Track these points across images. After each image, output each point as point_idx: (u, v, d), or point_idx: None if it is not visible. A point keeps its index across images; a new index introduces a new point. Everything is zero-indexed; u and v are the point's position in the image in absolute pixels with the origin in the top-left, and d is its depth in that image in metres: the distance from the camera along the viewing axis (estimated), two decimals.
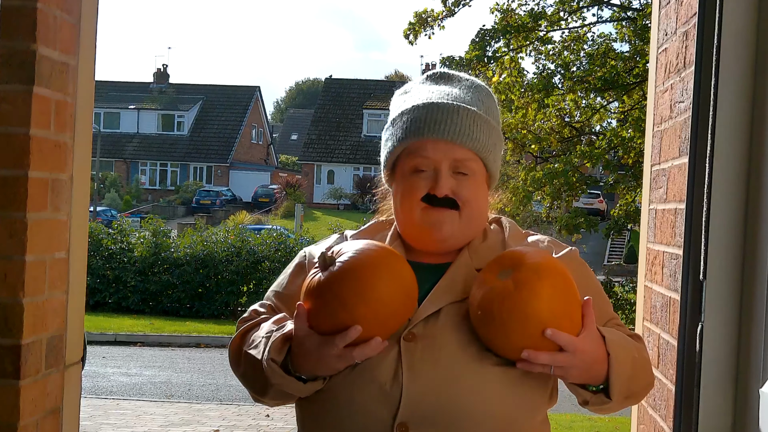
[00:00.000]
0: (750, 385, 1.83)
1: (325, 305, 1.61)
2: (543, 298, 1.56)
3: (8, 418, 2.00)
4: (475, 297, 1.62)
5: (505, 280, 1.58)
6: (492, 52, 15.36)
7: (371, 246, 1.67)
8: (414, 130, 1.75)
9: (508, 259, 1.64)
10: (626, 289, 17.18)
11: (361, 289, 1.59)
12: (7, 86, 2.02)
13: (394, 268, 1.64)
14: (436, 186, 1.73)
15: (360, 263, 1.62)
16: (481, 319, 1.59)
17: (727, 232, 1.90)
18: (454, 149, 1.74)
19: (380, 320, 1.60)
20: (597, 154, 14.34)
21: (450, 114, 1.74)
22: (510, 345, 1.58)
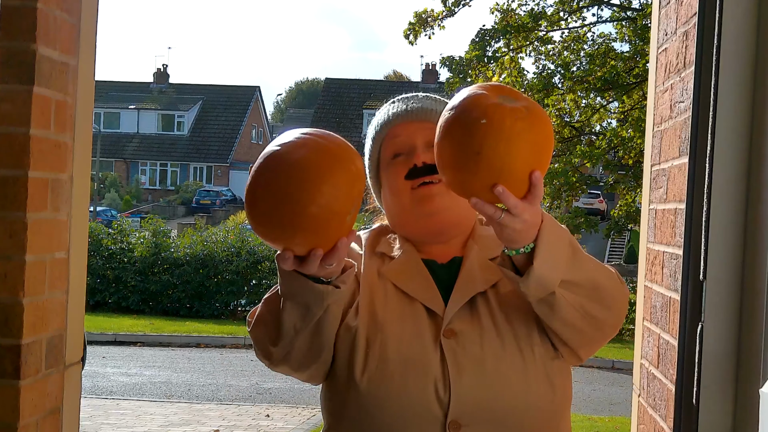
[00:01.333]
0: (750, 385, 1.83)
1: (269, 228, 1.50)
2: (547, 136, 1.52)
3: (8, 418, 2.00)
4: (474, 105, 1.51)
5: (514, 105, 1.50)
6: (492, 52, 15.38)
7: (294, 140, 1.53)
8: (384, 123, 1.85)
9: (505, 89, 1.56)
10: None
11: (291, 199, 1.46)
12: (7, 86, 2.02)
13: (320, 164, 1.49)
14: (413, 156, 1.77)
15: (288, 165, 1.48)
16: (481, 127, 1.47)
17: (727, 232, 1.90)
18: (424, 126, 1.80)
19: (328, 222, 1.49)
20: (597, 154, 14.35)
21: (412, 99, 1.87)
22: (497, 167, 1.47)
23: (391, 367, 1.65)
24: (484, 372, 1.64)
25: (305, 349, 1.64)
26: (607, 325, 1.68)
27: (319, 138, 1.53)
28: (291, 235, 1.48)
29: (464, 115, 1.51)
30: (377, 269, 1.76)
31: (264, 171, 1.50)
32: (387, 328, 1.69)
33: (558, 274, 1.58)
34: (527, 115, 1.49)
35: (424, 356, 1.65)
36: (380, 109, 1.93)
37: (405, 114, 1.85)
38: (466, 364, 1.64)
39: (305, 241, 1.49)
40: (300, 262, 1.51)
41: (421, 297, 1.72)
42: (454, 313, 1.69)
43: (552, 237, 1.56)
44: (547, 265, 1.56)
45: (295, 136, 1.53)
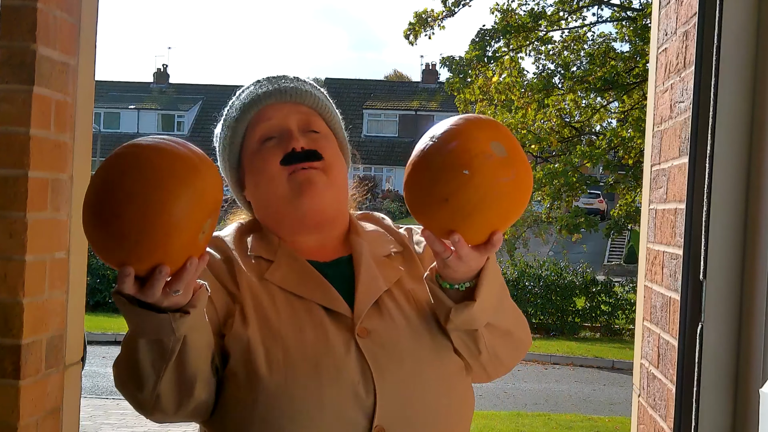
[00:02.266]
0: (750, 385, 1.83)
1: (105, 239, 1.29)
2: (524, 202, 1.46)
3: (8, 418, 2.00)
4: (462, 150, 1.41)
5: (502, 156, 1.42)
6: (492, 52, 15.38)
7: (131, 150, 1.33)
8: (250, 104, 1.67)
9: (501, 133, 1.46)
10: (626, 289, 17.18)
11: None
12: (7, 86, 2.02)
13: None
14: (290, 141, 1.62)
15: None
16: (461, 177, 1.39)
17: (727, 232, 1.90)
18: (297, 107, 1.66)
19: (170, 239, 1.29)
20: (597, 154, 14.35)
21: (279, 80, 1.70)
22: (460, 219, 1.42)
23: (301, 374, 1.50)
24: (404, 370, 1.54)
25: (174, 388, 1.44)
26: (503, 368, 1.67)
27: (178, 144, 1.35)
28: (134, 245, 1.27)
29: (448, 156, 1.42)
30: (256, 274, 1.59)
31: (111, 168, 1.30)
32: (286, 334, 1.53)
33: (487, 317, 1.56)
34: (513, 179, 1.42)
35: (335, 359, 1.52)
36: (240, 90, 1.74)
37: (277, 94, 1.67)
38: (387, 363, 1.53)
39: (150, 254, 1.28)
40: (141, 286, 1.31)
41: (320, 299, 1.58)
42: (364, 314, 1.57)
43: (491, 281, 1.52)
44: (482, 307, 1.53)
45: (152, 140, 1.35)
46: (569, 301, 16.94)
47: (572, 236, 16.34)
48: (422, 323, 1.59)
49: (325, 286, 1.60)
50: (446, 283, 1.53)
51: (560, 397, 11.36)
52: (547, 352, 14.32)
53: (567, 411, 10.39)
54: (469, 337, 1.58)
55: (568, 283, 16.92)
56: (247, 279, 1.58)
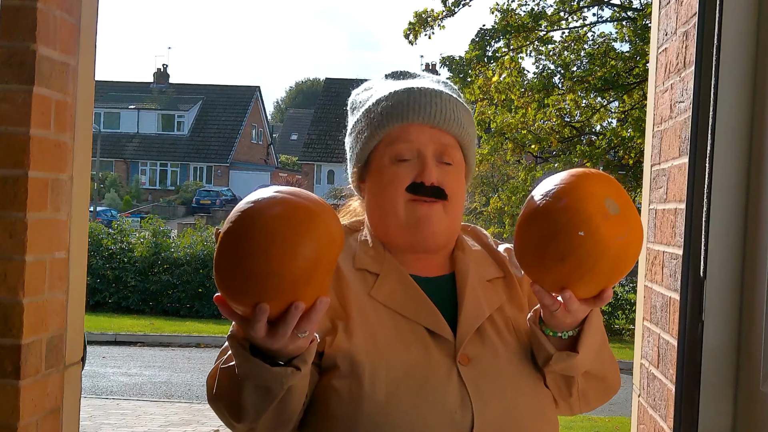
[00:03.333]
0: (750, 385, 1.83)
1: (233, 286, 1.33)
2: (636, 254, 1.45)
3: (8, 418, 2.00)
4: (577, 210, 1.40)
5: (616, 214, 1.42)
6: (492, 52, 15.38)
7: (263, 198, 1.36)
8: (396, 115, 1.63)
9: (614, 189, 1.45)
10: (626, 289, 17.17)
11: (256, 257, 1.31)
12: (7, 86, 2.02)
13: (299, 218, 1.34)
14: (424, 173, 1.60)
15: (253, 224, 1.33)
16: (576, 239, 1.39)
17: (727, 232, 1.90)
18: (440, 135, 1.63)
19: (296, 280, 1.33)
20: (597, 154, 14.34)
21: (434, 98, 1.64)
22: (574, 277, 1.42)
23: (405, 396, 1.49)
24: (506, 404, 1.53)
25: (272, 425, 1.47)
26: (589, 408, 1.68)
27: (295, 196, 1.38)
28: (275, 283, 1.30)
29: (562, 216, 1.41)
30: (363, 288, 1.60)
31: (254, 213, 1.34)
32: (391, 352, 1.53)
33: (585, 366, 1.57)
34: (626, 238, 1.41)
35: (438, 383, 1.51)
36: (379, 84, 1.72)
37: (427, 116, 1.63)
38: (488, 393, 1.53)
39: (288, 292, 1.31)
40: (271, 328, 1.32)
41: (424, 320, 1.58)
42: (467, 339, 1.57)
43: (593, 333, 1.54)
44: (584, 358, 1.54)
45: (270, 194, 1.38)
46: None
47: None
48: (522, 353, 1.59)
49: (430, 307, 1.59)
50: (549, 330, 1.53)
51: None
52: None
53: None
54: (564, 382, 1.60)
55: None
56: (355, 292, 1.58)
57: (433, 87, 1.67)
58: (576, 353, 1.52)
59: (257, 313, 1.30)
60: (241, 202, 1.37)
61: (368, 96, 1.72)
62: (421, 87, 1.65)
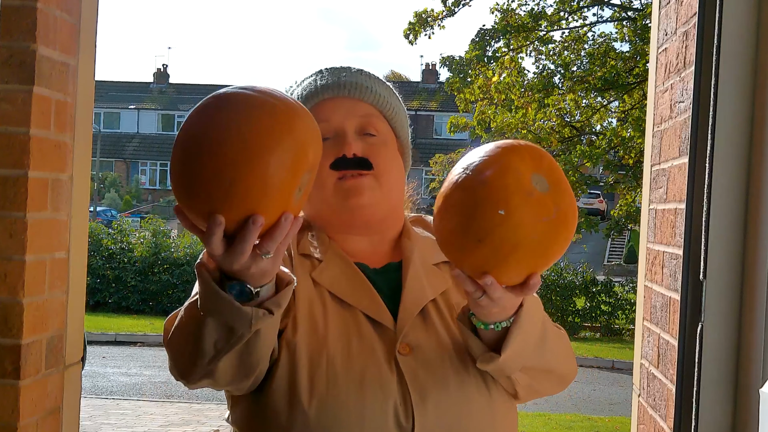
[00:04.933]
0: (750, 385, 1.83)
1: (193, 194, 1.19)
2: (566, 240, 1.32)
3: (8, 418, 2.00)
4: (498, 186, 1.27)
5: (544, 191, 1.29)
6: (492, 52, 15.39)
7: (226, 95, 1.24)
8: (307, 96, 1.59)
9: (544, 163, 1.32)
10: (626, 289, 17.18)
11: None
12: (7, 86, 2.02)
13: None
14: (344, 146, 1.53)
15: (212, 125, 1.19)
16: (495, 217, 1.26)
17: (727, 232, 1.90)
18: (357, 105, 1.57)
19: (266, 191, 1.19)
20: (597, 154, 14.35)
21: (341, 71, 1.60)
22: (494, 261, 1.29)
23: (344, 389, 1.40)
24: (448, 394, 1.43)
25: (231, 370, 1.35)
26: (543, 397, 1.59)
27: (276, 92, 1.26)
28: (228, 190, 1.17)
29: (482, 190, 1.27)
30: (306, 272, 1.52)
31: (208, 108, 1.22)
32: (332, 344, 1.45)
33: (520, 363, 1.45)
34: (554, 218, 1.28)
35: (379, 376, 1.42)
36: (303, 78, 1.66)
37: (336, 88, 1.58)
38: (429, 386, 1.43)
39: (244, 201, 1.17)
40: (229, 244, 1.20)
41: (365, 307, 1.49)
42: (407, 326, 1.48)
43: (526, 326, 1.41)
44: (513, 356, 1.42)
45: (248, 86, 1.26)
46: (569, 301, 16.94)
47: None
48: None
49: (372, 293, 1.51)
50: (480, 323, 1.41)
51: (560, 397, 11.36)
52: None
53: (567, 411, 10.39)
54: (503, 379, 1.49)
55: (568, 283, 16.92)
56: (302, 280, 1.50)
57: (342, 65, 1.63)
58: (498, 355, 1.40)
59: (211, 225, 1.18)
60: (210, 96, 1.25)
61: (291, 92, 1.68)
62: (328, 66, 1.63)
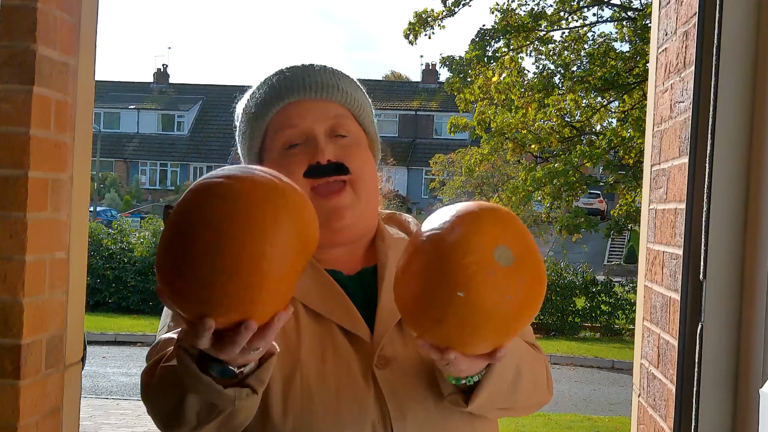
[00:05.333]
0: (750, 386, 1.83)
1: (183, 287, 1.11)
2: (532, 313, 1.25)
3: (8, 418, 2.00)
4: (456, 266, 1.19)
5: (508, 266, 1.20)
6: (492, 52, 15.38)
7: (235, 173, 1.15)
8: (270, 100, 1.49)
9: (508, 231, 1.24)
10: (626, 289, 17.18)
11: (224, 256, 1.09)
12: (7, 86, 2.02)
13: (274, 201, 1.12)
14: (316, 152, 1.44)
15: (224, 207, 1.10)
16: (455, 300, 1.18)
17: (727, 232, 1.90)
18: (325, 107, 1.48)
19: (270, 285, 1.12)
20: (597, 154, 14.35)
21: (305, 71, 1.51)
22: (456, 340, 1.23)
23: (319, 408, 1.34)
24: (427, 410, 1.38)
25: (216, 430, 1.29)
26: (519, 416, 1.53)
27: (265, 172, 1.18)
28: (221, 297, 1.10)
29: (440, 270, 1.19)
30: None
31: (195, 204, 1.12)
32: (305, 359, 1.37)
33: (490, 408, 1.40)
34: (518, 295, 1.20)
35: (356, 392, 1.36)
36: (263, 80, 1.56)
37: (301, 90, 1.49)
38: (408, 401, 1.37)
39: (238, 307, 1.11)
40: (217, 339, 1.14)
41: (339, 318, 1.41)
42: (385, 337, 1.41)
43: (497, 379, 1.34)
44: (482, 405, 1.37)
45: (235, 170, 1.18)
46: (569, 301, 16.94)
47: (572, 236, 16.34)
48: None
49: (346, 304, 1.43)
50: (450, 378, 1.34)
51: (560, 397, 11.36)
52: (547, 352, 14.29)
53: (567, 411, 10.39)
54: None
55: (568, 283, 16.92)
56: None
57: (304, 64, 1.54)
58: (465, 405, 1.35)
59: (199, 328, 1.12)
60: (201, 179, 1.17)
61: (245, 97, 1.59)
62: (290, 66, 1.53)
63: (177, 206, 1.15)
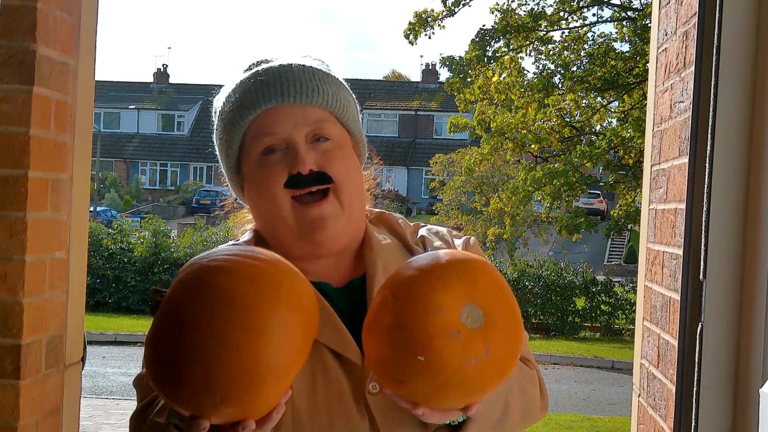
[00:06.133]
0: (750, 386, 1.83)
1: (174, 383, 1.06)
2: (504, 371, 1.18)
3: (8, 418, 2.00)
4: (419, 329, 1.12)
5: (474, 327, 1.13)
6: (492, 52, 15.38)
7: (227, 259, 1.09)
8: (247, 105, 1.41)
9: (479, 286, 1.16)
10: (626, 289, 17.18)
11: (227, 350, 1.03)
12: (7, 86, 2.02)
13: (279, 292, 1.07)
14: (296, 162, 1.37)
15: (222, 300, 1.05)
16: (415, 363, 1.12)
17: (727, 232, 1.90)
18: (305, 111, 1.40)
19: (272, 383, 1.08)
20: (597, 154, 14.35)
21: (283, 73, 1.42)
22: (421, 398, 1.18)
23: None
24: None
25: None
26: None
27: (262, 263, 1.11)
28: (219, 402, 1.05)
29: (400, 332, 1.12)
30: None
31: (186, 303, 1.05)
32: (296, 388, 1.29)
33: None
34: (485, 358, 1.13)
35: (350, 423, 1.30)
36: (238, 79, 1.48)
37: (279, 96, 1.40)
38: (401, 426, 1.31)
39: (236, 409, 1.06)
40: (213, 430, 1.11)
41: (328, 340, 1.34)
42: None
43: (483, 418, 1.31)
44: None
45: (223, 258, 1.10)
46: (569, 301, 16.95)
47: (572, 236, 16.35)
48: None
49: (335, 322, 1.35)
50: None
51: (560, 397, 11.36)
52: (547, 352, 14.32)
53: (567, 411, 10.39)
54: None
55: (568, 283, 16.92)
56: None
57: (281, 63, 1.46)
58: None
59: (194, 427, 1.07)
60: (194, 266, 1.08)
61: (225, 95, 1.51)
62: (267, 68, 1.45)
63: (169, 298, 1.07)
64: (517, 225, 18.57)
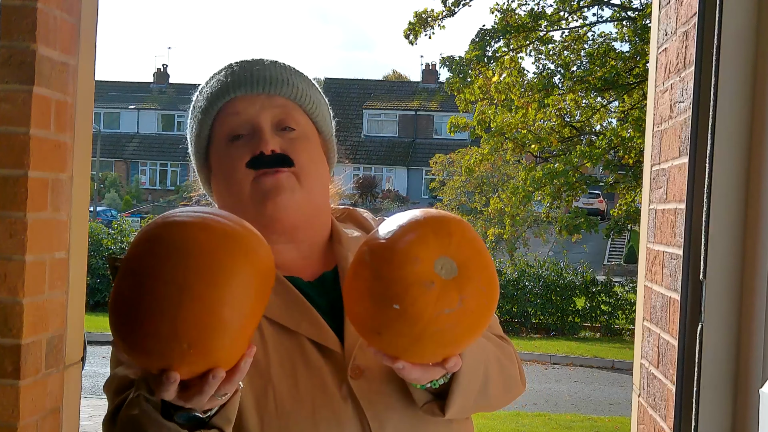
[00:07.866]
0: (750, 386, 1.83)
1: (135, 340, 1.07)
2: (481, 321, 1.21)
3: (8, 418, 2.00)
4: (394, 278, 1.16)
5: (449, 278, 1.17)
6: (492, 52, 15.38)
7: (186, 217, 1.12)
8: (218, 94, 1.46)
9: (454, 241, 1.20)
10: (626, 289, 17.18)
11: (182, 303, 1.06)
12: (7, 86, 2.02)
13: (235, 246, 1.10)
14: (260, 142, 1.40)
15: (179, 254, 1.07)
16: (391, 312, 1.16)
17: (727, 232, 1.90)
18: (272, 100, 1.44)
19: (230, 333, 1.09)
20: (597, 154, 14.35)
21: (254, 65, 1.47)
22: (401, 351, 1.21)
23: (297, 427, 1.30)
24: (406, 416, 1.35)
25: None
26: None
27: (221, 218, 1.14)
28: (186, 351, 1.06)
29: (377, 283, 1.17)
30: None
31: (150, 254, 1.08)
32: (276, 377, 1.32)
33: (466, 414, 1.39)
34: (459, 308, 1.17)
35: (333, 407, 1.32)
36: (212, 75, 1.53)
37: (248, 83, 1.45)
38: (386, 409, 1.34)
39: (205, 358, 1.08)
40: (182, 389, 1.11)
41: (307, 330, 1.36)
42: (357, 347, 1.36)
43: (464, 390, 1.32)
44: (458, 413, 1.34)
45: (189, 214, 1.13)
46: (569, 301, 16.94)
47: (572, 236, 16.35)
48: None
49: (311, 314, 1.38)
50: (414, 384, 1.31)
51: (560, 397, 11.36)
52: (547, 352, 14.32)
53: (567, 411, 10.39)
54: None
55: (568, 283, 16.92)
56: None
57: (254, 58, 1.51)
58: (442, 413, 1.32)
59: (164, 381, 1.09)
60: (149, 225, 1.12)
61: (193, 99, 1.56)
62: (239, 60, 1.50)
63: (128, 257, 1.10)
64: (517, 225, 18.57)
